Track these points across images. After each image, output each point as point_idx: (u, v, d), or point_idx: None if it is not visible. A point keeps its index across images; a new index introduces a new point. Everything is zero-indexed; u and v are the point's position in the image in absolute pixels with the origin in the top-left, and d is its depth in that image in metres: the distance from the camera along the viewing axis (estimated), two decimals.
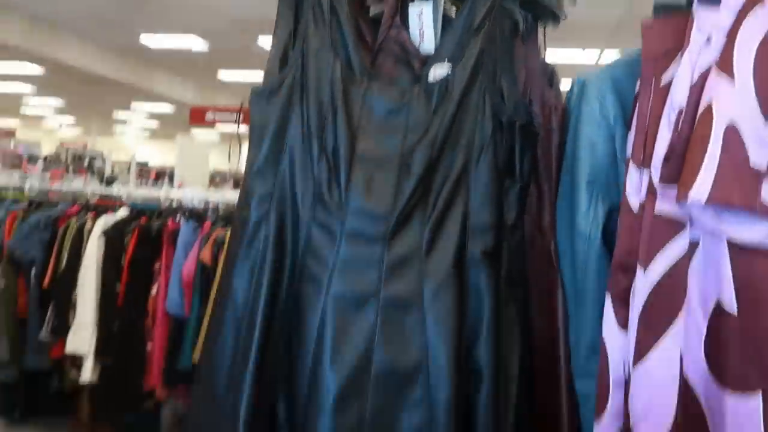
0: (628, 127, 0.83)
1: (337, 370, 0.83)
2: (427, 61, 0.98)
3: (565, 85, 1.07)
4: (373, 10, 1.17)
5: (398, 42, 1.03)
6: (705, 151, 0.62)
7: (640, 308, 0.71)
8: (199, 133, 15.12)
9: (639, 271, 0.72)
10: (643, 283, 0.71)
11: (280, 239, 0.93)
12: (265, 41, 7.62)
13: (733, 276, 0.63)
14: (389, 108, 0.92)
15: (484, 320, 0.86)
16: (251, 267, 0.93)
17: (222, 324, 0.96)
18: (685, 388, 0.67)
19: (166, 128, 17.76)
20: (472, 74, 0.90)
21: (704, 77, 0.66)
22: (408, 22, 1.06)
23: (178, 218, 3.20)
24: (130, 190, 3.62)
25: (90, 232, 3.20)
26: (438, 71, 0.93)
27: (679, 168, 0.65)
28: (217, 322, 0.97)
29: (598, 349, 0.81)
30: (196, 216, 3.19)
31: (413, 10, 1.05)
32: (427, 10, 1.04)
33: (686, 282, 0.68)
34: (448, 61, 0.93)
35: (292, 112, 0.96)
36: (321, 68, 0.95)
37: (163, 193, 3.46)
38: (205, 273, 2.90)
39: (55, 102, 14.85)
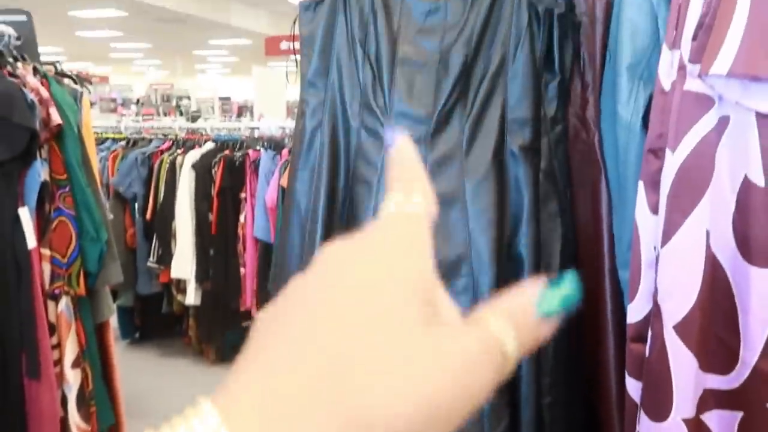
0: None
1: None
2: None
3: None
4: None
5: None
6: (730, 21, 0.60)
7: (668, 190, 0.71)
8: (279, 64, 15.31)
9: (668, 152, 0.72)
10: (672, 164, 0.71)
11: (333, 146, 0.99)
12: None
13: (761, 147, 0.63)
14: (427, 9, 0.94)
15: (524, 212, 0.89)
16: (310, 173, 1.00)
17: (289, 228, 1.05)
18: (712, 263, 0.69)
19: (246, 62, 18.12)
20: None
21: None
22: None
23: (258, 148, 3.36)
24: (213, 124, 3.80)
25: (182, 166, 3.44)
26: None
27: (706, 43, 0.64)
28: (284, 228, 1.07)
29: None
30: (275, 144, 3.34)
31: None
32: None
33: (714, 159, 0.68)
34: None
35: (336, 21, 0.99)
36: None
37: (243, 125, 3.62)
38: None
39: (141, 45, 15.46)
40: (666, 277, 0.73)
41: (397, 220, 0.25)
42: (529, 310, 0.24)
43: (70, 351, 2.05)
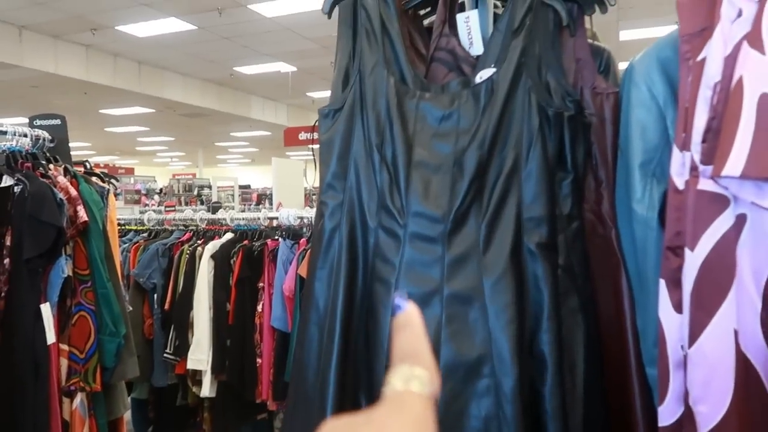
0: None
1: None
2: (476, 65, 1.02)
3: None
4: (428, 19, 1.23)
5: (448, 50, 1.08)
6: (738, 125, 0.62)
7: (691, 288, 0.71)
8: (297, 154, 15.79)
9: (687, 251, 0.72)
10: (692, 262, 0.71)
11: (352, 246, 1.00)
12: None
13: None
14: (441, 115, 0.97)
15: (544, 310, 0.88)
16: (329, 272, 1.01)
17: (308, 327, 1.04)
18: (744, 364, 0.67)
19: (265, 152, 18.74)
20: (516, 73, 0.94)
21: (738, 48, 0.66)
22: (458, 28, 1.11)
23: (277, 237, 3.41)
24: (233, 214, 3.88)
25: (201, 256, 3.48)
26: (484, 74, 0.97)
27: (717, 146, 0.65)
28: (303, 325, 1.06)
29: None
30: (293, 234, 3.38)
31: (460, 17, 1.10)
32: (474, 15, 1.09)
33: (735, 258, 0.67)
34: (494, 65, 0.97)
35: (354, 128, 1.03)
36: (377, 85, 1.02)
37: (262, 215, 3.68)
38: None
39: (166, 138, 16.11)
40: (696, 380, 0.70)
41: (402, 402, 0.25)
42: None
43: None
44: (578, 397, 0.88)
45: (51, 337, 1.95)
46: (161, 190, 13.51)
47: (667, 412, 0.77)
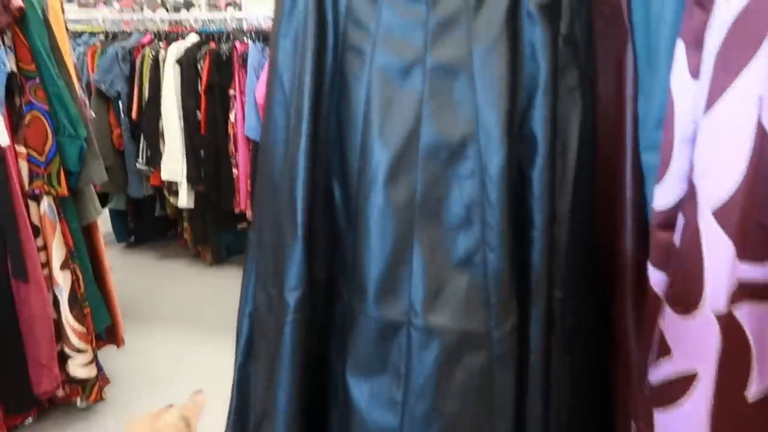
0: None
1: (385, 144, 0.79)
2: None
3: None
4: None
5: None
6: None
7: (719, 44, 0.60)
8: None
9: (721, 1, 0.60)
10: (726, 12, 0.59)
11: (320, 6, 0.85)
12: None
13: None
14: None
15: (539, 84, 0.77)
16: (293, 40, 0.87)
17: (272, 108, 0.93)
18: (762, 137, 0.59)
19: None
20: None
21: None
22: None
23: (245, 40, 3.16)
24: (197, 14, 3.56)
25: (165, 61, 3.24)
26: None
27: None
28: (268, 105, 0.95)
29: None
30: (264, 36, 3.13)
31: None
32: None
33: None
34: None
35: None
36: None
37: (228, 15, 3.38)
38: None
39: None
40: (705, 152, 0.63)
41: None
42: None
43: (57, 253, 1.99)
44: (568, 183, 0.82)
45: (4, 139, 1.83)
46: None
47: (666, 192, 0.71)
